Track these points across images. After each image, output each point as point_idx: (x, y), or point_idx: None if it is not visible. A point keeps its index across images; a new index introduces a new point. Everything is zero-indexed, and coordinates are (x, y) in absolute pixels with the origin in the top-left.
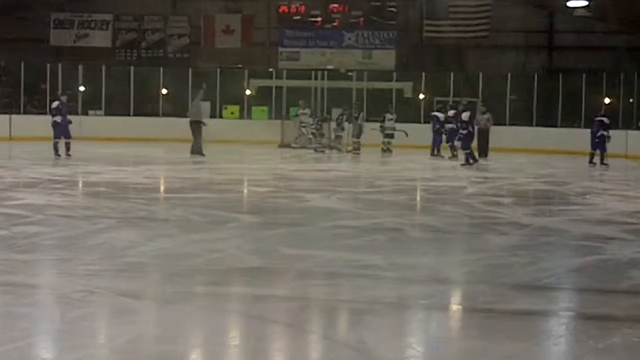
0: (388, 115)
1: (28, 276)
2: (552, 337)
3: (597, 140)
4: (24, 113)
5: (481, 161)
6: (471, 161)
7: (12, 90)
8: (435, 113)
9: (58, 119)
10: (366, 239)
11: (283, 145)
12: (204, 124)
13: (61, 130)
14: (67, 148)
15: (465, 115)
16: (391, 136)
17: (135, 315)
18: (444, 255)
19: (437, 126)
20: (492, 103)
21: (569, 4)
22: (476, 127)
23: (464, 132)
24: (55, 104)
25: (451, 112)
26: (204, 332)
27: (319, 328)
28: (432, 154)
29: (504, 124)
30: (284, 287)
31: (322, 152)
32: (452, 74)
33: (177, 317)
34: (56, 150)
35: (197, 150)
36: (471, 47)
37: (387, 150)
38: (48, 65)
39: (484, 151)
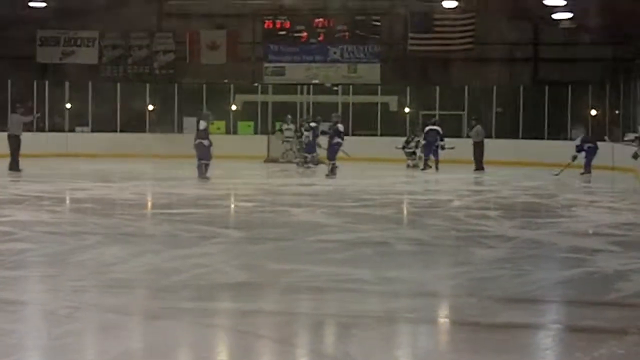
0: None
1: (15, 292)
2: (539, 349)
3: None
4: None
5: (477, 174)
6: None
7: None
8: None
9: (206, 142)
10: (352, 253)
11: (269, 160)
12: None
13: (205, 153)
14: (206, 169)
15: (340, 127)
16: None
17: (122, 330)
18: (430, 268)
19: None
20: (478, 116)
21: (554, 16)
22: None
23: (336, 141)
24: (203, 125)
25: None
26: (191, 348)
27: (306, 342)
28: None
29: (490, 137)
30: (271, 301)
31: (308, 167)
32: (437, 88)
33: (164, 332)
34: (203, 171)
35: (14, 166)
36: (456, 60)
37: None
38: (35, 82)
39: (479, 164)
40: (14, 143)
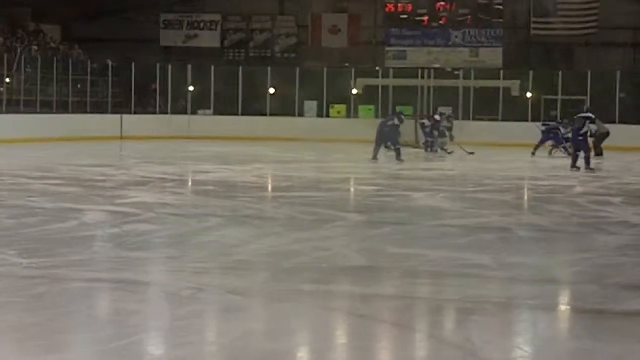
0: None
1: (139, 273)
2: None
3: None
4: (135, 113)
5: (598, 160)
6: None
7: (123, 91)
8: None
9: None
10: (473, 239)
11: None
12: None
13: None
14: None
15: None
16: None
17: (243, 312)
18: (551, 255)
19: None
20: (602, 101)
21: None
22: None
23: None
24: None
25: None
26: (311, 330)
27: (426, 327)
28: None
29: (614, 122)
30: (391, 286)
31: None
32: (560, 72)
33: (284, 315)
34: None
35: None
36: (580, 45)
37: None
38: (158, 65)
39: (597, 149)
40: None
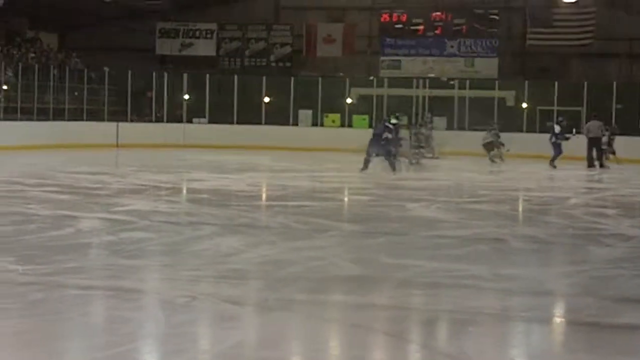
0: None
1: (133, 281)
2: None
3: None
4: (131, 121)
5: (591, 171)
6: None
7: (119, 99)
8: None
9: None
10: (468, 249)
11: None
12: None
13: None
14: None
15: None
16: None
17: (237, 321)
18: (546, 266)
19: (553, 138)
20: (598, 112)
21: None
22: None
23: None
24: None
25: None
26: (305, 340)
27: (420, 337)
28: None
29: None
30: (385, 296)
31: (417, 163)
32: (556, 83)
33: (278, 323)
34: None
35: None
36: (575, 56)
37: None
38: (154, 73)
39: (591, 161)
40: None
